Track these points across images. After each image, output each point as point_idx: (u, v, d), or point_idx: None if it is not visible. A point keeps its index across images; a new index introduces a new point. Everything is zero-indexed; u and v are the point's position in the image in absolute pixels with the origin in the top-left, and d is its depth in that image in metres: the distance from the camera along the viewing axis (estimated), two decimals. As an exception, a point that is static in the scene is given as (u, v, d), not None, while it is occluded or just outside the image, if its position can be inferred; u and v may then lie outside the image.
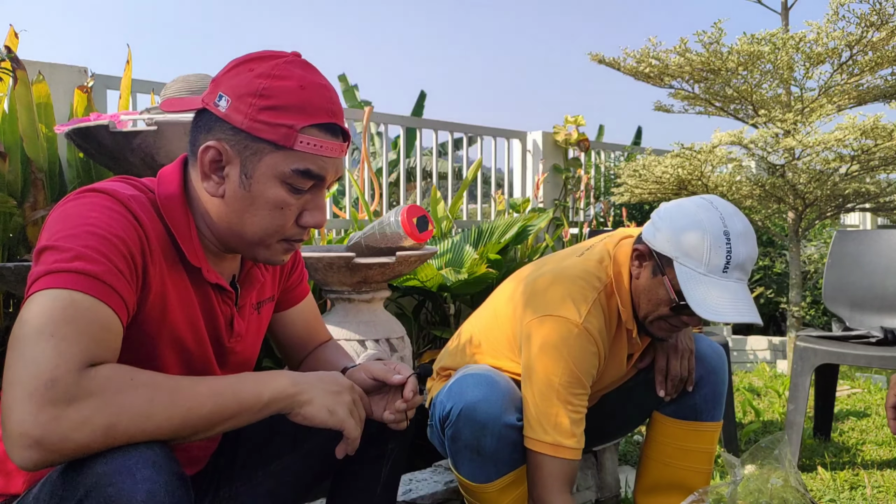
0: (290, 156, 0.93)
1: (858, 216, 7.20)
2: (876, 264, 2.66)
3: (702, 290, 1.35)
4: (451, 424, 1.43)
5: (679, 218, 1.40)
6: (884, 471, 2.34)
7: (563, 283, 1.47)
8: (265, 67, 0.93)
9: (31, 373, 0.74)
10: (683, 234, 1.37)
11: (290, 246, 1.01)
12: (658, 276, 1.43)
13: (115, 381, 0.78)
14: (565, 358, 1.39)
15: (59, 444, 0.74)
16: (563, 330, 1.41)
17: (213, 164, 0.94)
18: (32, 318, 0.77)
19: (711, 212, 1.38)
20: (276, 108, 0.91)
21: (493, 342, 1.58)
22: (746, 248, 1.36)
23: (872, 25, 3.28)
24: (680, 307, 1.40)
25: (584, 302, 1.44)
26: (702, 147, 3.72)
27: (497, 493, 1.45)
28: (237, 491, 1.16)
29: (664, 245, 1.41)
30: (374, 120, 3.66)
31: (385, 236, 1.95)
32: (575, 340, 1.40)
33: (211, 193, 0.95)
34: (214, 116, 0.93)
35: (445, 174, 9.12)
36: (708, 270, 1.35)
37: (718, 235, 1.35)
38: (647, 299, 1.46)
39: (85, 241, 0.83)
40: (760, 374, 3.91)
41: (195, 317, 0.99)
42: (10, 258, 2.20)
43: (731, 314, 1.32)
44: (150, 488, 0.74)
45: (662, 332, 1.51)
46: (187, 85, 1.91)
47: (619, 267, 1.51)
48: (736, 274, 1.36)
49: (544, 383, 1.39)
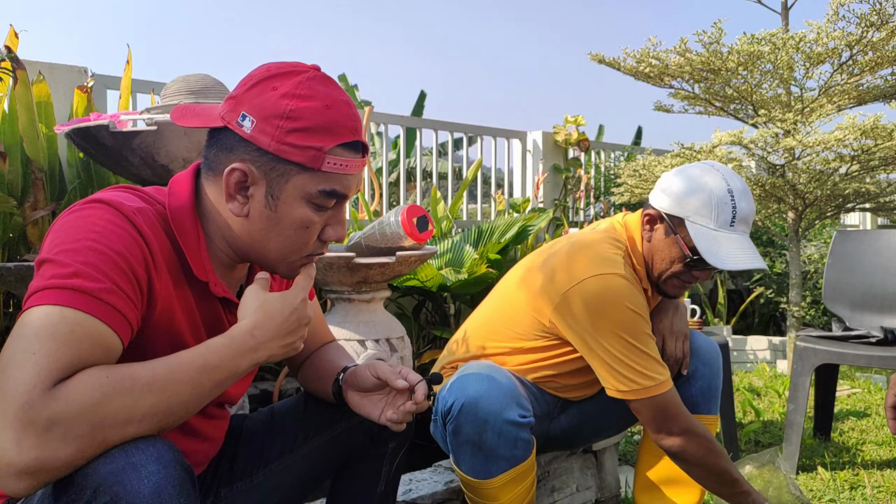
0: (317, 177, 0.93)
1: (858, 216, 7.20)
2: (876, 264, 2.66)
3: (713, 244, 1.47)
4: (452, 419, 1.44)
5: (686, 181, 1.53)
6: (884, 471, 2.35)
7: (587, 249, 1.56)
8: (289, 86, 0.91)
9: (11, 393, 0.73)
10: (692, 195, 1.50)
11: (309, 260, 1.01)
12: (671, 235, 1.54)
13: (90, 389, 0.76)
14: (625, 305, 1.47)
15: (48, 465, 0.73)
16: (610, 283, 1.48)
17: (238, 186, 0.93)
18: (21, 335, 0.77)
19: (714, 173, 1.51)
20: (304, 129, 0.90)
21: (505, 329, 1.62)
22: (748, 203, 1.51)
23: (872, 25, 3.28)
24: (694, 261, 1.51)
25: (616, 258, 1.54)
26: (702, 147, 3.72)
27: (498, 489, 1.46)
28: (237, 491, 1.16)
29: (674, 207, 1.52)
30: (374, 120, 3.66)
31: (385, 236, 1.95)
32: (626, 288, 1.49)
33: (235, 214, 0.95)
34: (237, 136, 0.92)
35: (445, 174, 9.12)
36: (717, 226, 1.48)
37: (723, 194, 1.48)
38: (661, 258, 1.57)
39: (85, 258, 0.82)
40: (760, 374, 3.91)
41: (201, 329, 0.99)
42: (10, 258, 2.20)
43: (743, 262, 1.46)
44: (156, 483, 0.74)
45: (675, 290, 1.60)
46: (187, 85, 1.91)
47: (631, 232, 1.62)
48: (741, 227, 1.50)
49: (618, 338, 1.47)
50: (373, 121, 3.63)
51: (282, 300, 0.94)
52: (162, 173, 1.83)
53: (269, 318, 0.92)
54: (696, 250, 1.48)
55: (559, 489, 1.90)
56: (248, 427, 1.21)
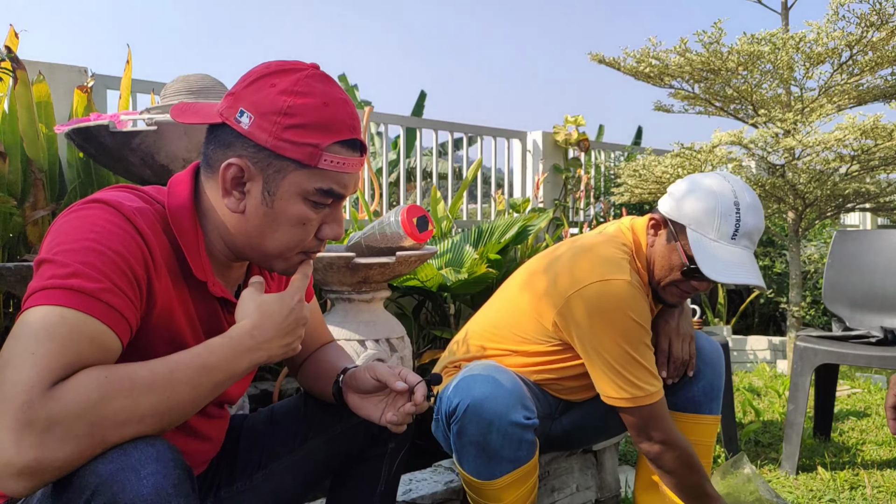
0: (314, 174, 0.93)
1: (858, 216, 7.21)
2: (876, 264, 2.66)
3: (711, 255, 1.46)
4: (457, 420, 1.44)
5: (694, 189, 1.52)
6: (884, 471, 2.35)
7: (593, 253, 1.55)
8: (287, 83, 0.92)
9: (10, 394, 0.73)
10: (697, 203, 1.49)
11: (307, 258, 1.01)
12: (672, 242, 1.53)
13: (89, 389, 0.76)
14: (626, 314, 1.46)
15: (47, 465, 0.73)
16: (614, 289, 1.47)
17: (234, 181, 0.93)
18: (20, 335, 0.77)
19: (724, 184, 1.50)
20: (301, 126, 0.91)
21: (508, 331, 1.62)
22: (755, 219, 1.48)
23: (872, 25, 3.28)
24: (691, 271, 1.50)
25: (622, 262, 1.53)
26: (702, 147, 3.72)
27: (501, 490, 1.46)
28: (237, 491, 1.16)
29: (678, 213, 1.52)
30: (374, 120, 3.66)
31: (385, 236, 1.95)
32: (629, 296, 1.48)
33: (232, 209, 0.95)
34: (234, 132, 0.92)
35: (445, 174, 9.12)
36: (718, 236, 1.46)
37: (729, 205, 1.47)
38: (661, 265, 1.56)
39: (84, 258, 0.81)
40: (760, 374, 3.91)
41: (200, 329, 0.99)
42: (10, 258, 2.20)
43: (737, 277, 1.44)
44: (155, 483, 0.74)
45: (674, 298, 1.59)
46: (187, 85, 1.91)
47: (637, 236, 1.61)
48: (744, 242, 1.47)
49: (615, 346, 1.46)
50: (373, 121, 3.63)
51: (279, 301, 0.95)
52: (162, 173, 1.83)
53: (268, 318, 0.93)
54: (694, 259, 1.47)
55: (559, 489, 1.90)
56: (249, 427, 1.21)
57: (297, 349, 0.97)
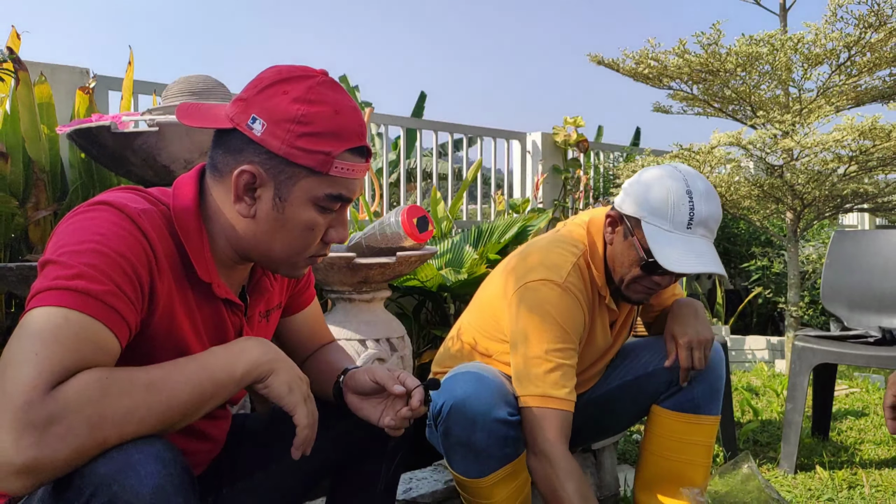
0: (325, 180, 0.95)
1: (857, 216, 7.21)
2: (874, 264, 2.67)
3: (668, 245, 1.43)
4: (442, 421, 1.45)
5: (645, 182, 1.50)
6: (882, 470, 2.35)
7: (539, 252, 1.56)
8: (299, 91, 0.93)
9: (11, 394, 0.74)
10: (649, 194, 1.47)
11: (312, 261, 1.02)
12: (629, 237, 1.51)
13: (89, 389, 0.76)
14: (551, 315, 1.46)
15: (46, 464, 0.73)
16: (545, 290, 1.48)
17: (246, 187, 0.94)
18: (24, 336, 0.77)
19: (675, 174, 1.48)
20: (314, 134, 0.92)
21: (490, 328, 1.62)
22: (709, 206, 1.45)
23: (871, 27, 3.29)
24: (649, 265, 1.47)
25: (563, 264, 1.52)
26: (700, 148, 3.73)
27: (491, 488, 1.46)
28: (238, 490, 1.17)
29: (632, 207, 1.49)
30: (375, 121, 3.67)
31: (385, 236, 1.96)
32: (559, 298, 1.47)
33: (242, 215, 0.96)
34: (246, 138, 0.93)
35: (445, 175, 9.12)
36: (673, 227, 1.44)
37: (681, 194, 1.44)
38: (621, 262, 1.54)
39: (88, 259, 0.82)
40: (759, 374, 3.92)
41: (203, 331, 1.00)
42: (12, 258, 2.20)
43: (694, 266, 1.42)
44: (156, 483, 0.75)
45: (639, 295, 1.56)
46: (189, 86, 1.92)
47: (593, 236, 1.59)
48: (700, 230, 1.45)
49: (531, 342, 1.45)
50: (373, 122, 3.64)
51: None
52: (163, 174, 1.84)
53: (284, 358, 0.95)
54: (651, 252, 1.45)
55: (558, 488, 1.91)
56: (250, 426, 1.22)
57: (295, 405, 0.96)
